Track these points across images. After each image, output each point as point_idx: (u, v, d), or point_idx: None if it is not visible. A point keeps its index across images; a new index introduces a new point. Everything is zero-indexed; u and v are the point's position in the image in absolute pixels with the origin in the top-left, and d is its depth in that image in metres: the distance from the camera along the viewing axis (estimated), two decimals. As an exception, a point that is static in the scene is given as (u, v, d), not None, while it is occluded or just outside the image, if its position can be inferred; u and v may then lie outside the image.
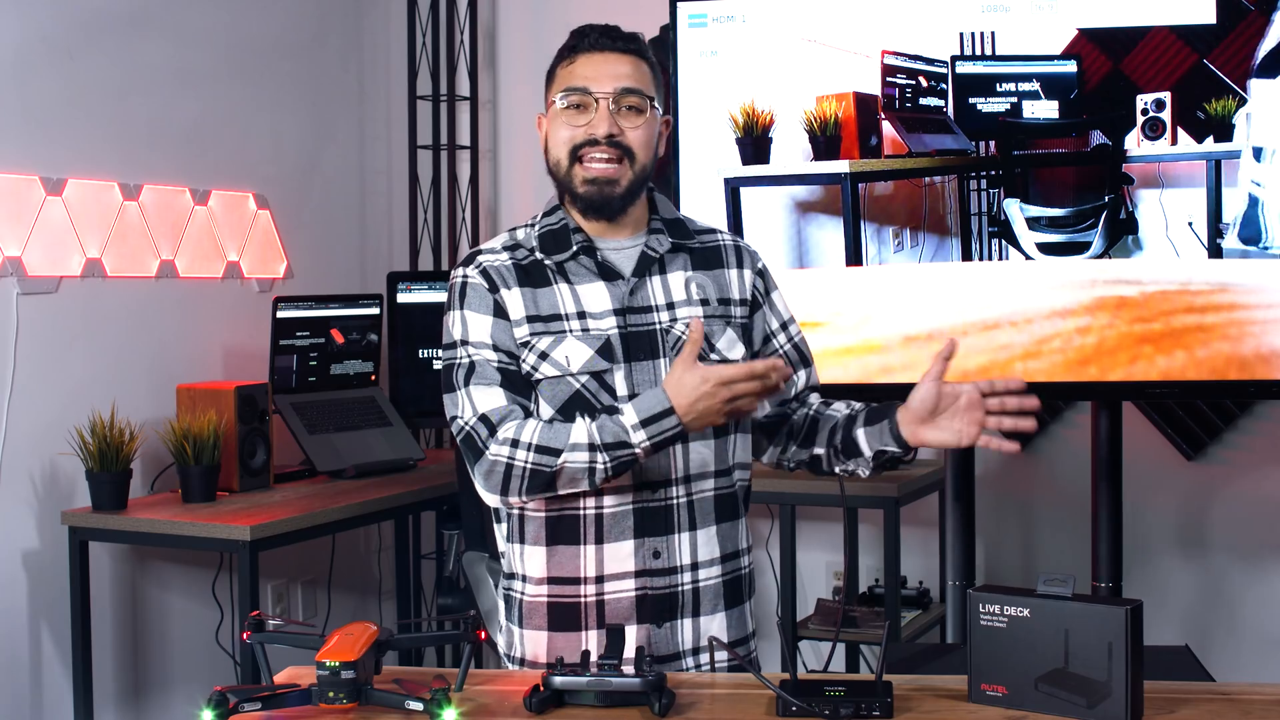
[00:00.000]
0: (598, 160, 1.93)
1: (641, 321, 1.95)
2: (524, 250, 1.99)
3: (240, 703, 1.61)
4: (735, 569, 2.01)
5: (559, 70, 1.98)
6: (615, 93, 1.93)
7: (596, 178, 1.94)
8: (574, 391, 1.92)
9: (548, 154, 1.99)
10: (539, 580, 1.97)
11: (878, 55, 3.14)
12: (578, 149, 1.94)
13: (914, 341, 3.12)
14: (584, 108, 1.94)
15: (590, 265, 1.96)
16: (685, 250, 2.01)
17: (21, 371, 3.23)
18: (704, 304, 1.98)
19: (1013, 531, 3.98)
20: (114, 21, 3.49)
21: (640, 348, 1.94)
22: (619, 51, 1.95)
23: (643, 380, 1.93)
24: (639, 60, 1.97)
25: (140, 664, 3.58)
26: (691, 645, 1.97)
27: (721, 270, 2.03)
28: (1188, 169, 3.03)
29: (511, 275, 1.96)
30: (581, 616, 1.95)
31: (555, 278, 1.96)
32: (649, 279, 1.97)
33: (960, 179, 3.14)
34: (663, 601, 1.94)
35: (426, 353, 3.99)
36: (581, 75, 1.94)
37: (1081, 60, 3.07)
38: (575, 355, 1.92)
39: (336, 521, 3.33)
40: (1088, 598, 1.67)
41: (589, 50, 1.95)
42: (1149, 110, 3.04)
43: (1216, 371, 2.98)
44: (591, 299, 1.95)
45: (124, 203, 3.50)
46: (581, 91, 1.93)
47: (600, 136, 1.92)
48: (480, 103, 4.43)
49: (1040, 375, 3.05)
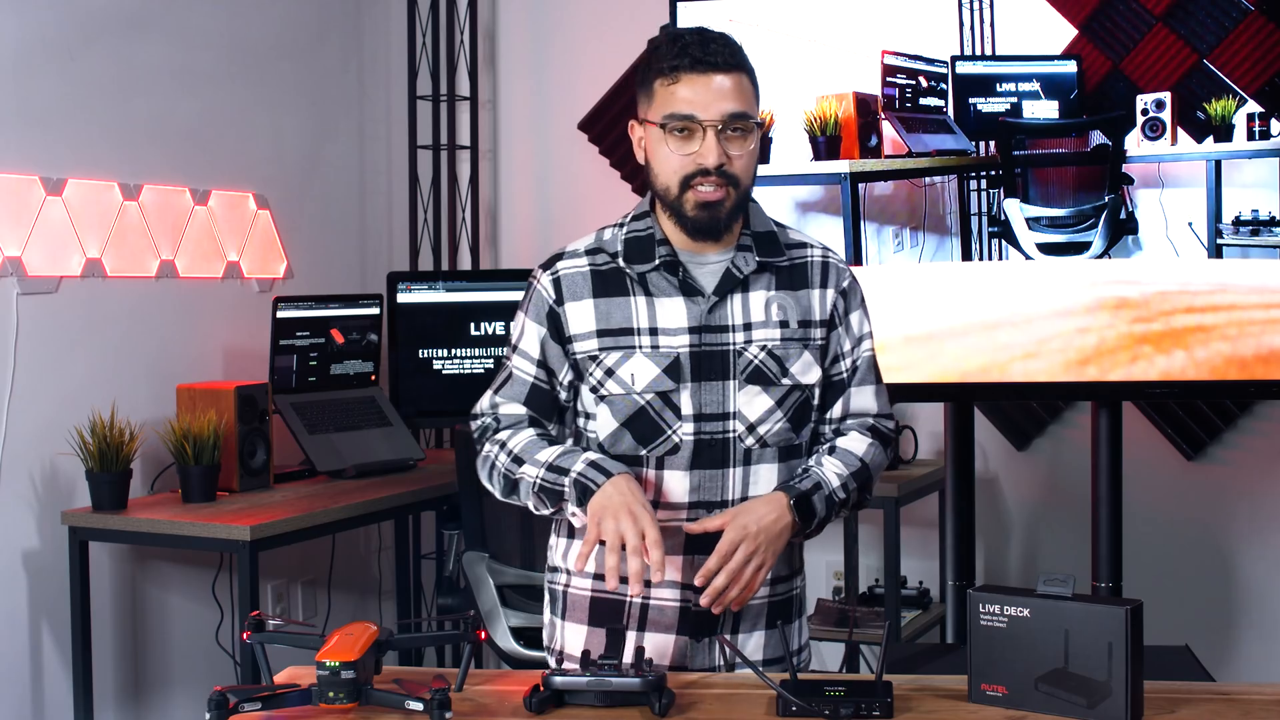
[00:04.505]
0: (707, 186, 1.89)
1: (716, 341, 1.92)
2: (605, 255, 1.96)
3: (240, 703, 1.61)
4: (786, 591, 2.00)
5: (659, 88, 1.90)
6: (723, 119, 1.87)
7: (707, 201, 1.89)
8: (639, 408, 1.92)
9: (653, 174, 1.93)
10: (585, 574, 1.97)
11: (878, 55, 3.14)
12: (689, 179, 1.89)
13: (914, 341, 3.12)
14: (690, 133, 1.88)
15: (672, 280, 1.93)
16: (772, 268, 1.97)
17: (21, 371, 3.23)
18: (783, 325, 1.94)
19: (1013, 531, 3.98)
20: (114, 21, 3.49)
21: (711, 368, 1.92)
22: (722, 70, 1.88)
23: (710, 400, 1.91)
24: (740, 75, 1.90)
25: (140, 664, 3.58)
26: (727, 662, 1.97)
27: (806, 291, 1.98)
28: (1188, 169, 3.03)
29: (586, 284, 1.95)
30: (625, 615, 1.95)
31: (634, 288, 1.94)
32: (730, 298, 1.94)
33: (960, 179, 3.14)
34: (704, 617, 1.93)
35: (426, 353, 3.99)
36: (686, 101, 1.87)
37: (1081, 60, 3.07)
38: (641, 373, 1.91)
39: (336, 521, 3.33)
40: (1088, 598, 1.67)
41: (692, 70, 1.87)
42: (1149, 110, 3.04)
43: (1216, 371, 2.98)
44: (668, 314, 1.92)
45: (124, 203, 3.50)
46: (687, 118, 1.87)
47: (710, 167, 1.88)
48: (480, 103, 4.43)
49: (1040, 375, 3.05)
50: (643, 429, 1.92)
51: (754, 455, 1.93)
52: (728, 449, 1.92)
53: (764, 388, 1.93)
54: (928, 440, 3.88)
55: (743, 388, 1.92)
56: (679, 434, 1.91)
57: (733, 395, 1.92)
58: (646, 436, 1.92)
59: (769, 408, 1.93)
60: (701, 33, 1.91)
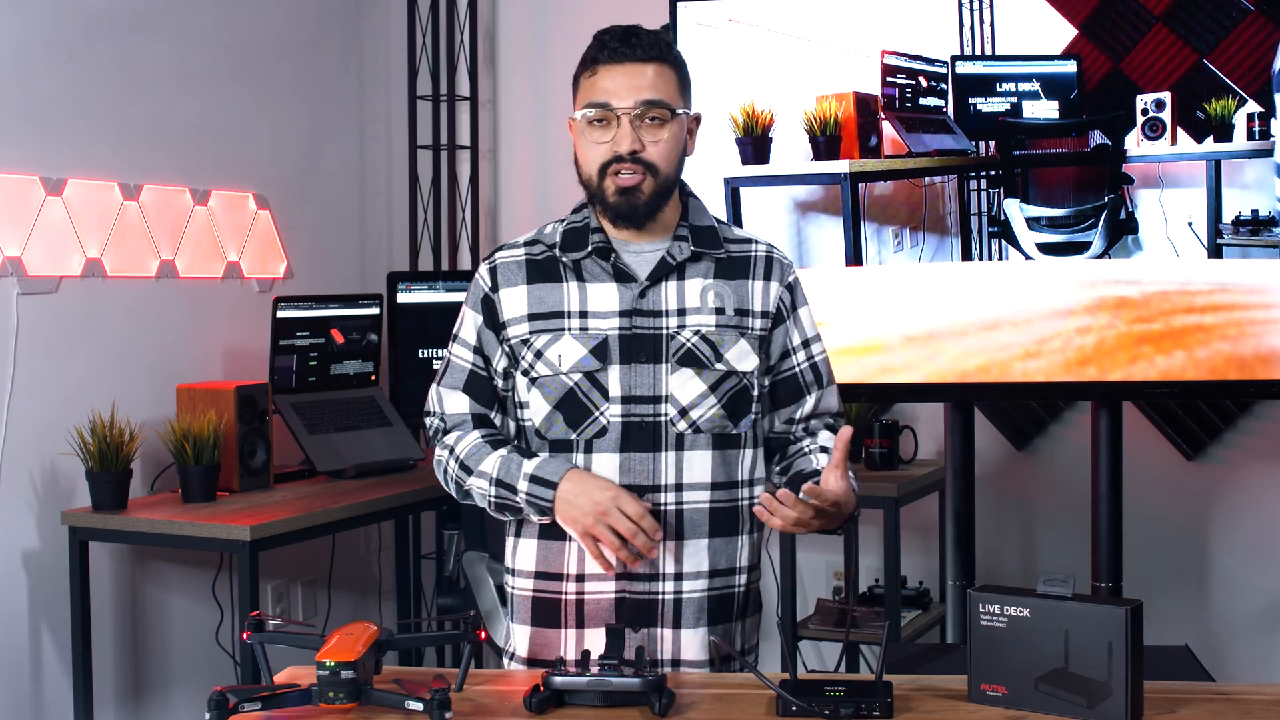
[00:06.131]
0: (624, 173, 1.93)
1: (648, 325, 1.95)
2: (543, 246, 2.01)
3: (240, 703, 1.61)
4: (727, 585, 1.99)
5: (582, 81, 1.97)
6: (637, 107, 1.92)
7: (624, 187, 1.93)
8: (568, 390, 1.95)
9: (579, 167, 1.98)
10: (527, 574, 2.00)
11: (878, 55, 3.14)
12: (605, 166, 1.94)
13: (914, 341, 3.12)
14: (607, 122, 1.93)
15: (605, 266, 1.97)
16: (710, 258, 2.00)
17: (21, 371, 3.23)
18: (719, 313, 1.97)
19: (1013, 531, 3.98)
20: (114, 22, 3.49)
21: (642, 350, 1.94)
22: (639, 60, 1.93)
23: (639, 382, 1.94)
24: (661, 66, 1.94)
25: (140, 664, 3.58)
26: (671, 656, 1.96)
27: (745, 281, 2.01)
28: (1188, 169, 3.03)
29: (520, 271, 1.99)
30: (561, 613, 1.97)
31: (567, 275, 1.98)
32: (663, 284, 1.97)
33: (960, 179, 3.14)
34: (641, 607, 1.94)
35: (426, 353, 4.00)
36: (603, 89, 1.93)
37: (1081, 60, 3.07)
38: (568, 354, 1.94)
39: (336, 521, 3.33)
40: (1088, 598, 1.67)
41: (609, 61, 1.93)
42: (1149, 110, 3.04)
43: (1216, 371, 2.98)
44: (598, 299, 1.96)
45: (124, 203, 3.50)
46: (603, 106, 1.93)
47: (624, 153, 1.92)
48: (480, 103, 4.43)
49: (1040, 375, 3.05)
50: (572, 411, 1.95)
51: (686, 440, 1.94)
52: (659, 432, 1.94)
53: (696, 371, 1.95)
54: (928, 440, 3.89)
55: (675, 370, 1.94)
56: (606, 415, 1.93)
57: (664, 378, 1.94)
58: (576, 419, 1.95)
59: (701, 391, 1.95)
60: (628, 29, 1.96)
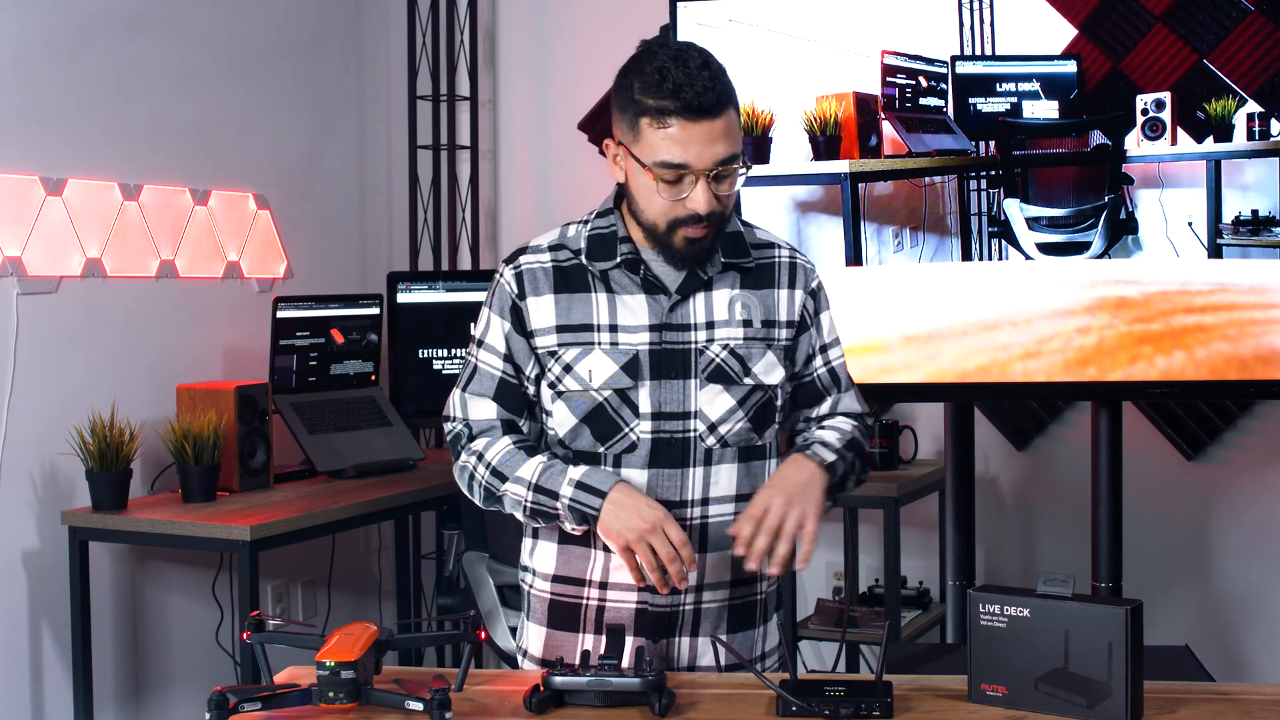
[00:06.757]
0: (695, 230, 1.85)
1: (677, 339, 1.91)
2: (568, 251, 1.94)
3: (240, 703, 1.61)
4: (748, 594, 1.98)
5: (646, 128, 1.82)
6: (714, 167, 1.82)
7: (692, 238, 1.86)
8: (596, 405, 1.91)
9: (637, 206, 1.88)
10: (546, 576, 1.98)
11: (878, 55, 3.14)
12: (677, 221, 1.85)
13: (914, 341, 3.12)
14: (680, 179, 1.83)
15: (634, 277, 1.92)
16: (736, 268, 1.95)
17: (21, 371, 3.23)
18: (746, 325, 1.93)
19: (1013, 531, 3.98)
20: (114, 22, 3.49)
21: (672, 366, 1.90)
22: (712, 115, 1.80)
23: (669, 399, 1.90)
24: (729, 112, 1.82)
25: (140, 664, 3.58)
26: (687, 662, 1.95)
27: (771, 290, 1.97)
28: (1188, 169, 3.03)
29: (548, 280, 1.93)
30: (581, 618, 1.96)
31: (595, 285, 1.92)
32: (692, 296, 1.92)
33: (960, 179, 3.14)
34: (662, 619, 1.93)
35: (426, 353, 3.99)
36: (680, 151, 1.80)
37: (1081, 60, 3.07)
38: (599, 370, 1.90)
39: (336, 521, 3.33)
40: (1088, 598, 1.67)
41: (685, 118, 1.79)
42: (1149, 110, 3.04)
43: (1216, 371, 2.98)
44: (629, 311, 1.91)
45: (124, 203, 3.50)
46: (679, 168, 1.81)
47: (702, 214, 1.84)
48: (480, 103, 4.43)
49: (1040, 375, 3.05)
50: (601, 426, 1.91)
51: (714, 455, 1.92)
52: (688, 448, 1.91)
53: (725, 387, 1.92)
54: (928, 440, 3.89)
55: (704, 386, 1.91)
56: (636, 432, 1.90)
57: (694, 394, 1.91)
58: (604, 434, 1.91)
59: (730, 407, 1.92)
60: (684, 63, 1.80)
